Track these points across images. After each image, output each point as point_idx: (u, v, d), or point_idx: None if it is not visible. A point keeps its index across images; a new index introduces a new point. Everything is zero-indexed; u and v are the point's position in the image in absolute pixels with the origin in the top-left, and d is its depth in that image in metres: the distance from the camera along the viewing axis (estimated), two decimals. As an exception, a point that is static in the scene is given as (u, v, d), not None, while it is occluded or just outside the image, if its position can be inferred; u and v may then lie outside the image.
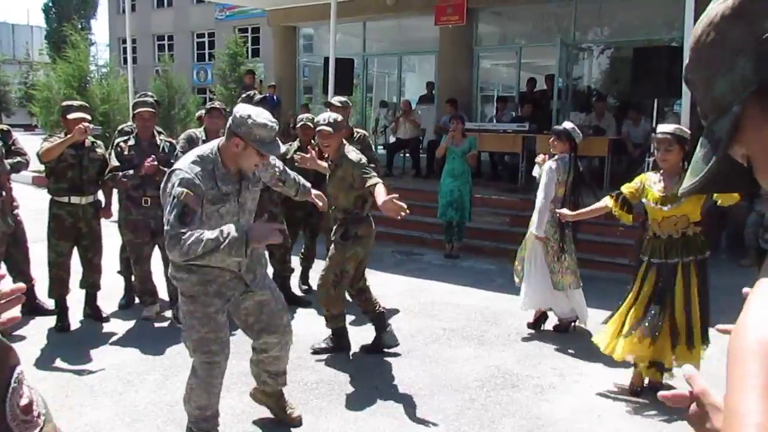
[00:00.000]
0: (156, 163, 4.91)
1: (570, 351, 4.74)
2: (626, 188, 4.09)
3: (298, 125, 6.12)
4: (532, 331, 5.14)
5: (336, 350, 4.61)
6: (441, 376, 4.24)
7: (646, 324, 3.85)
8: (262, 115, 2.85)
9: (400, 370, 4.32)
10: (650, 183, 3.96)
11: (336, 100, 5.92)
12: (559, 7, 11.30)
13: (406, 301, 5.92)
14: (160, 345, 4.69)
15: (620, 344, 3.96)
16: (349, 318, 4.82)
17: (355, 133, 5.96)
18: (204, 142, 4.80)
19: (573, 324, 5.20)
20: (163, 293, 5.43)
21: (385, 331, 4.62)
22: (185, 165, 2.82)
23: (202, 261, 2.78)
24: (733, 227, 7.63)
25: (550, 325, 5.26)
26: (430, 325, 5.24)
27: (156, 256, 5.28)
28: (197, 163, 2.83)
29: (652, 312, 3.86)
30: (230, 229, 2.71)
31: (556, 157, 4.96)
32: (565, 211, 4.56)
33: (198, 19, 31.31)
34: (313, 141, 5.49)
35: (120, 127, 5.76)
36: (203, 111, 5.79)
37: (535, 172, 5.27)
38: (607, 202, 4.20)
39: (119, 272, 5.83)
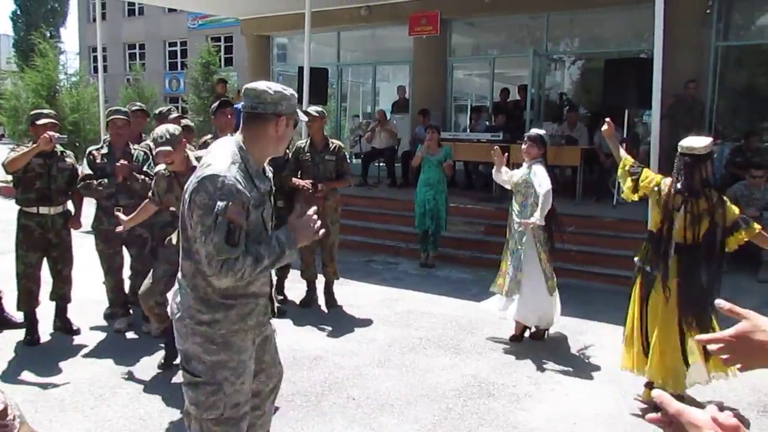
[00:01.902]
0: (127, 163, 4.83)
1: (545, 359, 4.76)
2: (645, 178, 3.95)
3: None
4: (506, 339, 5.15)
5: None
6: (417, 385, 4.24)
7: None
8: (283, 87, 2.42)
9: (376, 380, 4.30)
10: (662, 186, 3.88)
11: (312, 109, 5.92)
12: (531, 19, 11.45)
13: (381, 310, 5.91)
14: (133, 358, 4.61)
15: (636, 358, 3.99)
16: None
17: (331, 144, 5.96)
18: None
19: (546, 332, 5.24)
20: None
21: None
22: (222, 167, 2.20)
23: (243, 288, 2.35)
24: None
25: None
26: (407, 335, 5.23)
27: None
28: (235, 163, 2.25)
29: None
30: (278, 234, 2.32)
31: (529, 162, 4.99)
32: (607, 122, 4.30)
33: (170, 27, 31.10)
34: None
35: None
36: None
37: (505, 177, 5.19)
38: (626, 164, 4.06)
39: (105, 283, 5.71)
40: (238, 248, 2.17)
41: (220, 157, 2.25)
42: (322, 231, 2.40)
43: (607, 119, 4.23)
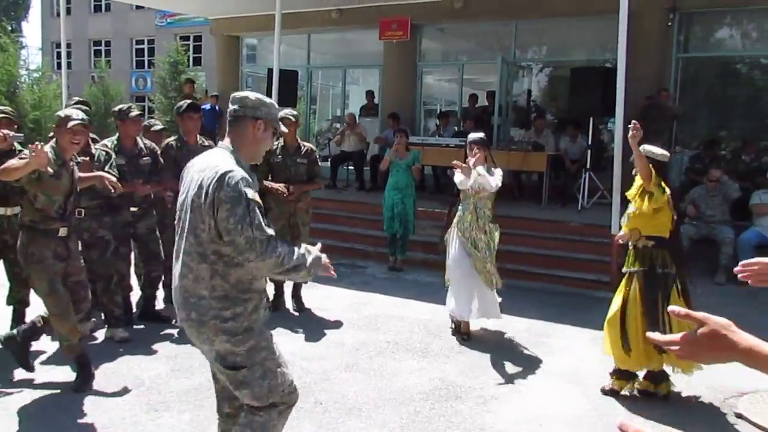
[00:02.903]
0: (88, 159, 4.73)
1: (511, 361, 4.83)
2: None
3: None
4: (474, 341, 5.21)
5: None
6: (385, 389, 4.25)
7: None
8: (264, 96, 2.63)
9: (344, 385, 4.31)
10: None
11: (286, 112, 5.93)
12: (500, 26, 11.59)
13: (349, 314, 5.91)
14: (94, 364, 4.48)
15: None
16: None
17: (303, 147, 5.96)
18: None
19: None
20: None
21: None
22: (231, 166, 2.38)
23: (251, 283, 2.48)
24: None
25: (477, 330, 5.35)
26: (374, 339, 5.24)
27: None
28: (236, 164, 2.42)
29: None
30: (308, 248, 2.48)
31: (484, 166, 5.09)
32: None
33: (137, 25, 30.61)
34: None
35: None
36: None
37: (460, 178, 5.15)
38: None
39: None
40: (271, 228, 2.37)
41: (222, 160, 2.42)
42: (332, 273, 2.55)
43: (634, 122, 3.98)
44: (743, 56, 10.19)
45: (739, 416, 3.95)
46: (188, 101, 5.74)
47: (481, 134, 5.34)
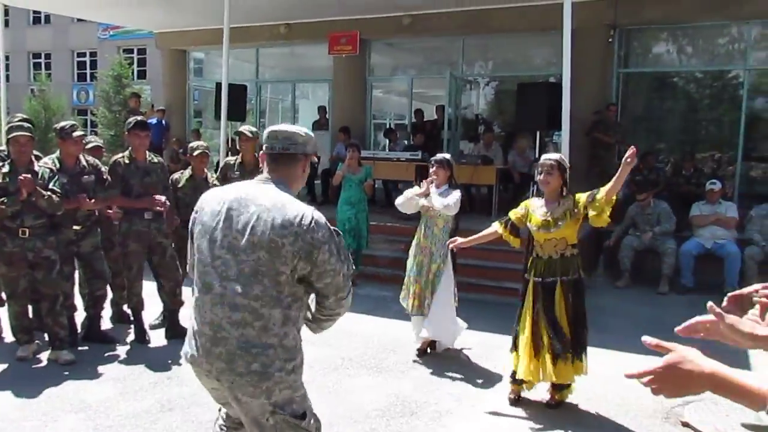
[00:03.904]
0: (30, 176, 4.57)
1: (465, 376, 4.87)
2: (513, 214, 4.37)
3: (195, 153, 5.93)
4: (423, 357, 5.23)
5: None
6: (340, 406, 4.22)
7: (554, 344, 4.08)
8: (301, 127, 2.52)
9: (299, 403, 4.25)
10: (533, 208, 4.24)
11: (246, 129, 5.91)
12: (448, 42, 11.77)
13: (302, 330, 5.84)
14: (38, 388, 4.34)
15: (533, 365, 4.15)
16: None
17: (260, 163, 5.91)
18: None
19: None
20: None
21: None
22: (302, 203, 2.28)
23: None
24: (608, 251, 8.17)
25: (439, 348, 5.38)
26: (328, 355, 5.20)
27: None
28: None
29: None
30: None
31: (444, 188, 5.09)
32: (458, 239, 4.70)
33: (78, 37, 29.83)
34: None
35: None
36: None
37: (426, 203, 5.11)
38: (497, 228, 4.43)
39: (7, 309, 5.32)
40: None
41: (288, 198, 2.26)
42: None
43: (632, 148, 3.78)
44: (679, 71, 10.63)
45: (685, 425, 4.07)
46: (136, 118, 5.61)
47: (444, 155, 5.31)
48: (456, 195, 5.00)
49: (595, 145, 9.42)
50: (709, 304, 1.42)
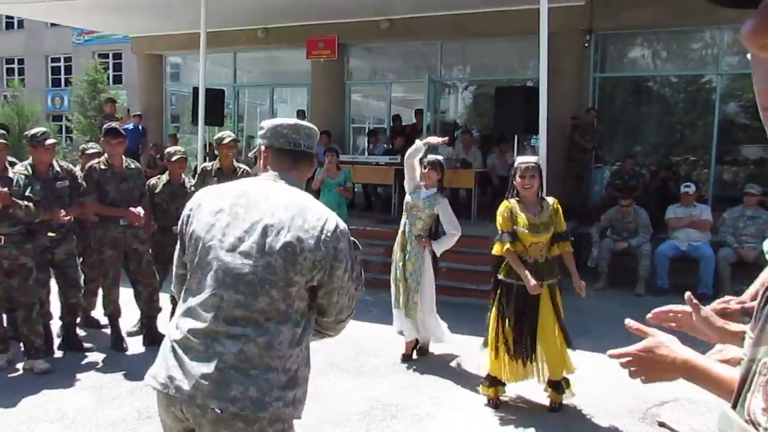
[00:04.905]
0: (6, 190, 4.50)
1: (446, 379, 4.87)
2: (502, 225, 4.25)
3: (173, 158, 5.86)
4: (406, 363, 5.23)
5: None
6: (321, 411, 4.20)
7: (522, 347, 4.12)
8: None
9: (279, 408, 4.22)
10: (516, 210, 4.20)
11: (225, 134, 5.87)
12: (426, 46, 11.84)
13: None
14: (13, 398, 4.26)
15: (509, 366, 4.19)
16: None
17: (238, 169, 5.89)
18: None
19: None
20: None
21: None
22: (337, 216, 2.03)
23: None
24: (588, 254, 8.23)
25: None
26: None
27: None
28: None
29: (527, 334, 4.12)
30: None
31: (432, 191, 5.11)
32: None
33: (52, 42, 29.37)
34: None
35: None
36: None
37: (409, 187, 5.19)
38: (501, 250, 4.22)
39: None
40: None
41: (309, 199, 2.02)
42: None
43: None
44: (654, 75, 10.79)
45: (662, 425, 4.12)
46: (110, 125, 5.54)
47: (438, 157, 5.32)
48: (444, 203, 5.09)
49: (571, 149, 9.53)
50: (687, 294, 1.47)
